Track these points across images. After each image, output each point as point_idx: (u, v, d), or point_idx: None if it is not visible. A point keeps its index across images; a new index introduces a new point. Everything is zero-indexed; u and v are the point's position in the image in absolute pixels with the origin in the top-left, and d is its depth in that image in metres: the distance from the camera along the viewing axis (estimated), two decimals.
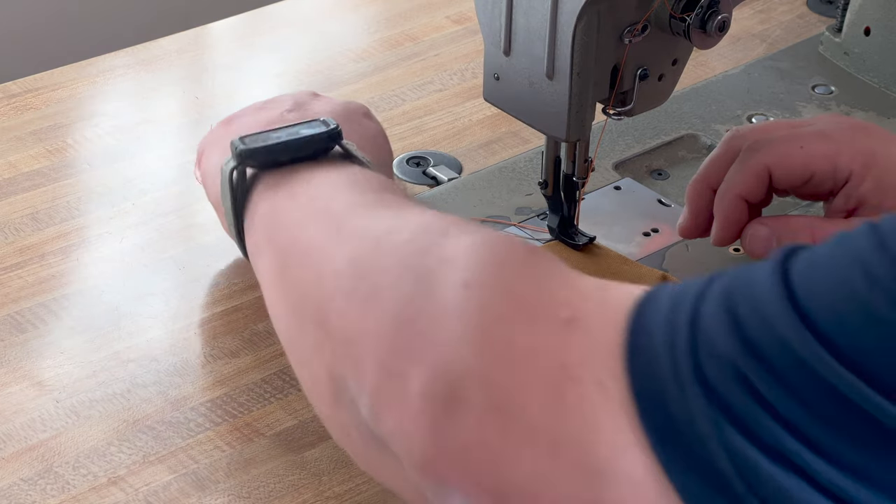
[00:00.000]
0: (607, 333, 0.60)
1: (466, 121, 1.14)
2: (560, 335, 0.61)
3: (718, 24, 0.90)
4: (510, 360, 0.61)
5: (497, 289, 0.63)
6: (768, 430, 0.55)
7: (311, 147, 0.81)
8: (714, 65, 1.21)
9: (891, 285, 0.54)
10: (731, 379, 0.56)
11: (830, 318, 0.55)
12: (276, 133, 0.82)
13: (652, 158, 1.09)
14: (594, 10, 0.86)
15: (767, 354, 0.55)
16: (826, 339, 0.54)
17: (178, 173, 1.07)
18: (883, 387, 0.53)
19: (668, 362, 0.57)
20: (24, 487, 0.82)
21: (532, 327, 0.62)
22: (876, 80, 1.18)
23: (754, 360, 0.55)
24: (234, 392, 0.88)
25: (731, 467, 0.55)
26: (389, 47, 1.23)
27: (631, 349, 0.59)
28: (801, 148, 0.91)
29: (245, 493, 0.82)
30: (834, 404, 0.54)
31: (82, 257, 0.99)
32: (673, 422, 0.57)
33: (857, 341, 0.54)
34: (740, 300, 0.57)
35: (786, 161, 0.91)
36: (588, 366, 0.59)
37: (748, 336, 0.56)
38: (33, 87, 1.16)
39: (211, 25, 1.27)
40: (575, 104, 0.89)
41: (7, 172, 1.06)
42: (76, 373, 0.89)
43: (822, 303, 0.55)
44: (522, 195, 1.04)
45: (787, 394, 0.55)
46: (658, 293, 0.60)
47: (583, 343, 0.60)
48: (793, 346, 0.55)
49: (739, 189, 0.91)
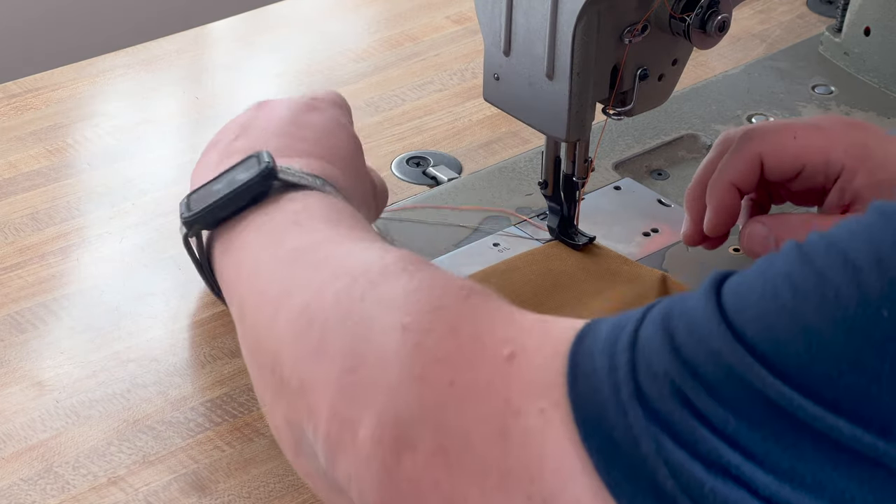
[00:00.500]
0: (548, 364, 0.60)
1: (466, 121, 1.14)
2: (501, 371, 0.62)
3: (718, 24, 0.90)
4: (453, 400, 0.62)
5: (435, 331, 0.64)
6: (708, 443, 0.55)
7: (249, 194, 0.81)
8: (714, 65, 1.21)
9: (815, 296, 0.55)
10: (669, 396, 0.56)
11: (760, 330, 0.55)
12: (216, 186, 0.82)
13: (652, 158, 1.09)
14: (594, 10, 0.86)
15: (702, 370, 0.56)
16: (756, 350, 0.55)
17: (178, 173, 1.07)
18: (813, 394, 0.54)
19: (608, 385, 0.58)
20: (24, 487, 0.82)
21: (473, 366, 0.62)
22: (876, 80, 1.18)
23: (690, 376, 0.56)
24: (234, 392, 0.88)
25: (675, 484, 0.56)
26: (389, 47, 1.23)
27: (572, 376, 0.59)
28: (795, 138, 0.91)
29: (245, 493, 0.82)
30: (767, 413, 0.55)
31: (82, 257, 0.99)
32: (616, 443, 0.57)
33: (787, 351, 0.55)
34: (677, 322, 0.58)
35: (778, 150, 0.91)
36: (529, 397, 0.60)
37: (684, 354, 0.57)
38: (33, 87, 1.16)
39: (211, 25, 1.27)
40: (575, 104, 0.89)
41: (7, 172, 1.06)
42: (76, 373, 0.89)
43: (752, 315, 0.56)
44: (522, 195, 1.04)
45: (722, 406, 0.55)
46: (598, 324, 0.61)
47: (524, 376, 0.61)
48: (725, 358, 0.56)
49: (731, 176, 0.91)
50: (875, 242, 0.55)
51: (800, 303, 0.55)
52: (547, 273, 0.95)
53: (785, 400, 0.54)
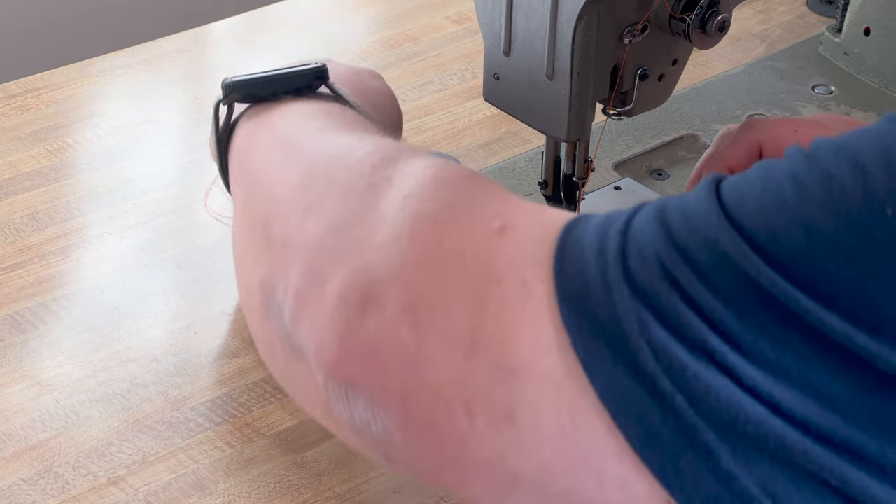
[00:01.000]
0: (537, 243, 0.60)
1: (466, 121, 1.14)
2: (490, 240, 0.61)
3: (718, 25, 0.90)
4: (436, 260, 0.61)
5: (435, 199, 0.63)
6: (694, 328, 0.54)
7: (293, 82, 0.82)
8: (714, 65, 1.21)
9: (820, 192, 0.54)
10: (658, 279, 0.55)
11: (760, 222, 0.55)
12: (265, 72, 0.84)
13: (652, 158, 1.09)
14: (594, 10, 0.86)
15: (695, 256, 0.55)
16: (754, 241, 0.55)
17: (178, 173, 1.08)
18: (808, 287, 0.53)
19: (595, 266, 0.57)
20: (24, 487, 0.82)
21: (463, 232, 0.61)
22: (876, 80, 1.18)
23: (682, 260, 0.55)
24: (235, 392, 0.88)
25: (656, 364, 0.55)
26: (389, 47, 1.23)
27: (559, 256, 0.59)
28: (796, 132, 0.91)
29: (245, 493, 0.82)
30: (758, 304, 0.54)
31: (82, 257, 0.99)
32: (598, 321, 0.56)
33: (785, 243, 0.54)
34: (672, 213, 0.57)
35: (778, 141, 0.91)
36: (514, 268, 0.59)
37: (677, 240, 0.56)
38: (33, 87, 1.16)
39: (211, 25, 1.27)
40: (575, 104, 0.89)
41: (7, 172, 1.06)
42: (76, 373, 0.89)
43: (752, 209, 0.55)
44: (522, 195, 1.04)
45: (712, 293, 0.55)
46: (592, 215, 0.61)
47: (512, 248, 0.60)
48: (720, 246, 0.55)
49: (728, 160, 0.92)
50: (885, 147, 0.54)
51: (803, 199, 0.54)
52: None
53: (778, 290, 0.54)
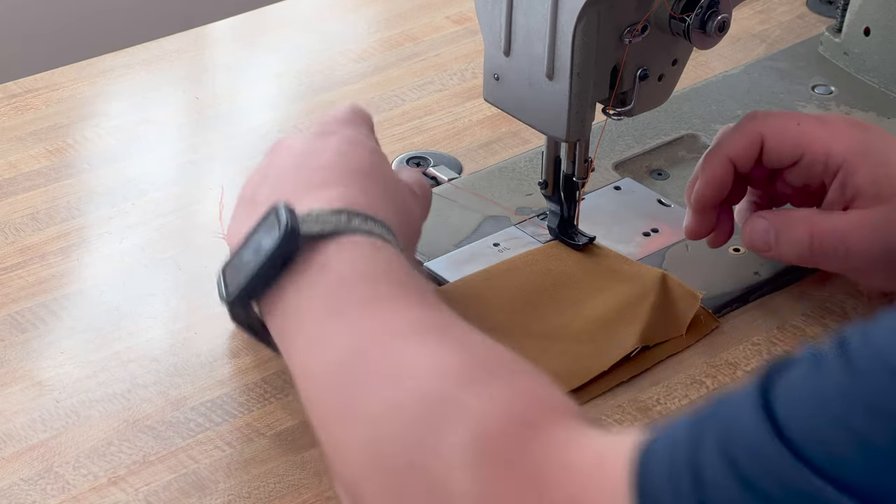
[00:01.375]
0: (615, 486, 0.61)
1: (466, 121, 1.14)
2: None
3: (718, 25, 0.90)
4: None
5: (499, 481, 0.65)
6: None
7: (279, 262, 0.77)
8: (714, 65, 1.21)
9: (862, 407, 0.55)
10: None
11: (820, 448, 0.56)
12: (246, 255, 0.79)
13: (652, 158, 1.09)
14: (594, 10, 0.86)
15: (765, 490, 0.57)
16: (823, 471, 0.56)
17: (178, 173, 1.08)
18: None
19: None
20: (25, 487, 0.82)
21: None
22: (876, 80, 1.18)
23: (756, 498, 0.57)
24: (235, 392, 0.88)
25: None
26: (389, 47, 1.23)
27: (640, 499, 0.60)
28: (798, 125, 0.91)
29: (245, 493, 0.82)
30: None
31: (82, 257, 0.99)
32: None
33: (848, 466, 0.55)
34: (736, 449, 0.58)
35: (780, 133, 0.91)
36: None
37: (743, 472, 0.58)
38: (33, 87, 1.16)
39: (211, 25, 1.27)
40: (575, 104, 0.89)
41: (7, 172, 1.06)
42: (76, 373, 0.89)
43: (811, 437, 0.57)
44: (522, 195, 1.04)
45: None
46: (652, 455, 0.61)
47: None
48: (787, 479, 0.56)
49: (729, 150, 0.92)
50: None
51: (850, 414, 0.56)
52: (547, 273, 0.95)
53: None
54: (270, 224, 0.79)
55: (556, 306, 0.93)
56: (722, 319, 0.95)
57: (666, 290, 0.94)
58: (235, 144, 1.11)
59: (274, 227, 0.78)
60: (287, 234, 0.77)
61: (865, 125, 0.93)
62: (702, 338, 0.93)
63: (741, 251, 0.99)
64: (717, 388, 0.90)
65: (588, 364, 0.90)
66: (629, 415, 0.88)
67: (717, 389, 0.90)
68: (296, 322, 0.77)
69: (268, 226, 0.79)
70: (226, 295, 0.80)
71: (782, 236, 0.92)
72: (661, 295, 0.93)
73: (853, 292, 0.97)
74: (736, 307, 0.96)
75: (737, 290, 0.97)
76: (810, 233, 0.90)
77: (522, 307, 0.93)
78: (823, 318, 0.96)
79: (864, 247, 0.90)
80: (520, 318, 0.92)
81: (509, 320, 0.92)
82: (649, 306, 0.92)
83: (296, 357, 0.77)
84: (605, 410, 0.88)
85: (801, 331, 0.94)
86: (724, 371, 0.91)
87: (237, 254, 0.80)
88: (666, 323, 0.93)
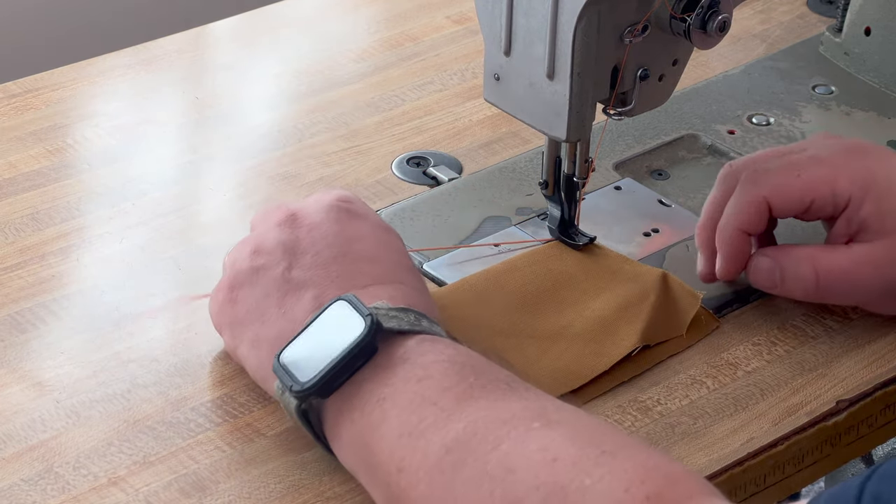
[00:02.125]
0: None
1: (466, 121, 1.14)
2: None
3: (719, 25, 0.90)
4: None
5: None
6: None
7: (362, 357, 0.78)
8: (714, 65, 1.21)
9: None
10: None
11: None
12: (310, 345, 0.79)
13: (652, 158, 1.09)
14: (594, 10, 0.86)
15: None
16: None
17: (178, 173, 1.08)
18: None
19: None
20: (25, 488, 0.82)
21: None
22: (876, 80, 1.18)
23: None
24: (235, 392, 0.88)
25: None
26: (389, 47, 1.23)
27: None
28: (799, 176, 0.91)
29: (245, 494, 0.82)
30: None
31: (82, 257, 0.99)
32: None
33: None
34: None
35: (784, 191, 0.91)
36: None
37: None
38: (33, 87, 1.16)
39: (211, 25, 1.27)
40: (575, 104, 0.89)
41: (7, 172, 1.06)
42: (76, 373, 0.89)
43: None
44: (522, 195, 1.04)
45: None
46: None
47: None
48: None
49: (739, 223, 0.92)
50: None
51: None
52: (547, 273, 0.95)
53: None
54: (341, 315, 0.79)
55: (557, 306, 0.93)
56: (722, 319, 0.95)
57: (666, 289, 0.94)
58: (235, 144, 1.11)
59: (350, 317, 0.78)
60: (372, 328, 0.77)
61: (864, 148, 0.93)
62: (702, 338, 0.93)
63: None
64: (717, 388, 0.90)
65: (589, 364, 0.90)
66: (629, 415, 0.88)
67: (717, 389, 0.90)
68: (379, 414, 0.76)
69: (336, 316, 0.79)
70: (297, 385, 0.79)
71: (787, 275, 0.92)
72: (661, 294, 0.93)
73: None
74: (736, 307, 0.96)
75: (737, 290, 0.97)
76: (815, 271, 0.91)
77: (522, 307, 0.93)
78: (823, 318, 0.96)
79: (869, 282, 0.91)
80: (520, 319, 0.92)
81: (509, 321, 0.92)
82: (650, 305, 0.92)
83: (384, 450, 0.75)
84: (606, 410, 0.88)
85: (802, 331, 0.94)
86: (725, 371, 0.91)
87: (297, 343, 0.80)
88: (666, 322, 0.93)
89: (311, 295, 0.82)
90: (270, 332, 0.83)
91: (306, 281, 0.83)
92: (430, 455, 0.73)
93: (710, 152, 1.10)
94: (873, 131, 1.12)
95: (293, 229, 0.86)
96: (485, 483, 0.70)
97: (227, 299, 0.86)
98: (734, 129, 1.12)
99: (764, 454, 0.86)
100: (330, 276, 0.83)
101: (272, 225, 0.87)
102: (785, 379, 0.91)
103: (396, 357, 0.78)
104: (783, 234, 0.97)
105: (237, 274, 0.86)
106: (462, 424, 0.73)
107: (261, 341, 0.84)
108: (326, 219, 0.86)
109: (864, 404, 0.90)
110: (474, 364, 0.77)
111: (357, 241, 0.85)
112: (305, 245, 0.85)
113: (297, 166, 1.08)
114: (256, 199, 1.05)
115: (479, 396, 0.75)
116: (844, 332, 0.94)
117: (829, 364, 0.92)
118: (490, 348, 0.89)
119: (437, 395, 0.75)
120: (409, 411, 0.75)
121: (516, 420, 0.73)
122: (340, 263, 0.84)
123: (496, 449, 0.71)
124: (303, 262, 0.84)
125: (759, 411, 0.88)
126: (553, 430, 0.72)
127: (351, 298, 0.79)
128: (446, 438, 0.73)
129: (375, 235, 0.86)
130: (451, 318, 0.91)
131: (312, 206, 0.87)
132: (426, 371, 0.76)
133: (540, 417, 0.73)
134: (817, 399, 0.89)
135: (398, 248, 0.87)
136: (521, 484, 0.69)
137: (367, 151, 1.10)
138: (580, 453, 0.69)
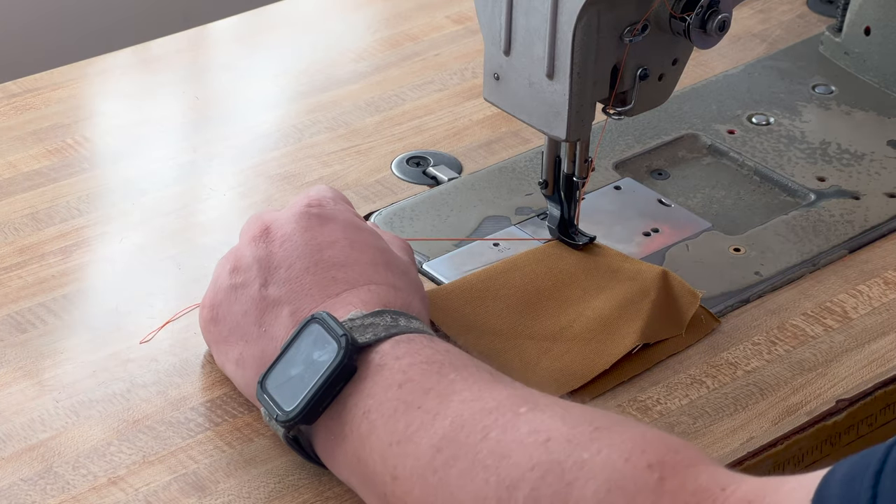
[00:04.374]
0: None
1: (466, 121, 1.14)
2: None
3: (718, 24, 0.90)
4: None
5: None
6: None
7: (342, 379, 0.77)
8: (714, 65, 1.21)
9: None
10: None
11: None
12: (293, 370, 0.78)
13: (652, 158, 1.09)
14: (594, 10, 0.86)
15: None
16: None
17: (178, 173, 1.08)
18: None
19: None
20: (24, 487, 0.82)
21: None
22: (876, 80, 1.18)
23: None
24: (235, 392, 0.88)
25: None
26: (389, 47, 1.23)
27: None
28: None
29: (245, 494, 0.82)
30: None
31: (82, 257, 0.99)
32: None
33: None
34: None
35: None
36: None
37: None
38: (33, 87, 1.16)
39: (211, 25, 1.27)
40: (575, 104, 0.89)
41: (7, 172, 1.06)
42: (76, 373, 0.89)
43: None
44: (522, 195, 1.04)
45: None
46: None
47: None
48: None
49: None
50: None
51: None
52: (547, 272, 0.95)
53: None
54: (317, 336, 0.79)
55: (557, 306, 0.93)
56: (722, 319, 0.95)
57: (667, 286, 0.94)
58: (235, 144, 1.11)
59: (325, 339, 0.78)
60: (348, 349, 0.77)
61: None
62: (702, 337, 0.93)
63: (741, 251, 0.99)
64: (716, 387, 0.90)
65: (589, 364, 0.90)
66: (629, 415, 0.88)
67: (716, 389, 0.90)
68: (367, 427, 0.76)
69: (313, 337, 0.79)
70: (283, 414, 0.79)
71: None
72: (661, 292, 0.93)
73: (853, 292, 0.97)
74: (736, 307, 0.96)
75: (737, 290, 0.97)
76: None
77: (523, 307, 0.93)
78: (823, 318, 0.96)
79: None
80: (520, 319, 0.92)
81: (509, 320, 0.92)
82: (650, 303, 0.92)
83: (376, 460, 0.75)
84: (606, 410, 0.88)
85: (801, 331, 0.94)
86: (725, 371, 0.91)
87: (278, 368, 0.80)
88: (666, 320, 0.93)
89: (287, 311, 0.83)
90: (254, 350, 0.84)
91: (281, 297, 0.83)
92: (420, 458, 0.73)
93: (710, 152, 1.10)
94: (873, 131, 1.12)
95: (267, 244, 0.86)
96: (479, 473, 0.70)
97: (210, 318, 0.87)
98: (734, 128, 1.12)
99: (764, 454, 0.86)
100: (304, 289, 0.83)
101: (248, 240, 0.87)
102: (785, 378, 0.91)
103: (374, 365, 0.77)
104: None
105: (217, 292, 0.87)
106: (448, 420, 0.73)
107: (245, 360, 0.84)
108: (297, 228, 0.85)
109: (863, 404, 0.90)
110: (453, 361, 0.77)
111: (328, 247, 0.85)
112: (279, 259, 0.85)
113: (297, 166, 1.08)
114: (256, 198, 1.05)
115: (461, 390, 0.74)
116: (844, 332, 0.94)
117: (828, 364, 0.92)
118: (489, 350, 0.89)
119: (419, 398, 0.75)
120: (394, 419, 0.75)
121: (503, 408, 0.72)
122: (313, 273, 0.83)
123: (486, 438, 0.71)
124: (277, 277, 0.84)
125: (758, 411, 0.88)
126: (542, 412, 0.71)
127: (323, 318, 0.79)
128: (434, 438, 0.73)
129: (347, 237, 0.85)
130: (450, 318, 0.91)
131: (284, 216, 0.87)
132: (406, 375, 0.76)
133: (526, 402, 0.72)
134: (817, 399, 0.89)
135: (371, 245, 0.86)
136: (515, 468, 0.69)
137: (366, 151, 1.10)
138: (573, 431, 0.69)
